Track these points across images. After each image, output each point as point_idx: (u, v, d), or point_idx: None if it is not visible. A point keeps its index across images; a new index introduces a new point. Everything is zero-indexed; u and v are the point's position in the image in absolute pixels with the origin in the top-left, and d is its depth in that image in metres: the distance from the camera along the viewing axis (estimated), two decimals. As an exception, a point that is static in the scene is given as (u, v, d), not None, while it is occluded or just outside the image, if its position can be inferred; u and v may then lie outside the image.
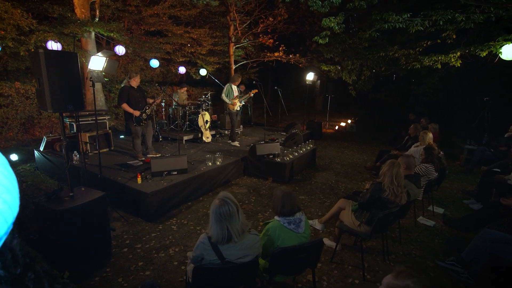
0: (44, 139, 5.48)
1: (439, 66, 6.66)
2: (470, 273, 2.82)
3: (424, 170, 3.85)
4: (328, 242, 3.38)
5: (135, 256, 3.08)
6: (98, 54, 3.41)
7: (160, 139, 6.90)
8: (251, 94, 6.52)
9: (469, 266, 2.88)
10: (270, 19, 11.11)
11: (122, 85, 5.07)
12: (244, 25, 12.19)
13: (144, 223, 3.77)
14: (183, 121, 7.36)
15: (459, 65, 6.36)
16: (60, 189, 3.05)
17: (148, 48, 10.45)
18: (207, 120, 6.99)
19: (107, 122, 6.36)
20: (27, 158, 6.19)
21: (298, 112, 14.97)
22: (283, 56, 12.72)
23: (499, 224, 3.13)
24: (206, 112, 7.05)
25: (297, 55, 12.57)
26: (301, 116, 11.89)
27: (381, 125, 12.20)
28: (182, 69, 11.83)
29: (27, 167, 5.78)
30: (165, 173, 4.31)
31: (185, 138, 6.88)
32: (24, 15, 6.41)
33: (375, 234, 2.86)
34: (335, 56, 8.03)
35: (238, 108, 6.68)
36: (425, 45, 6.81)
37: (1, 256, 0.58)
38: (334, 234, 3.41)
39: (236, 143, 6.69)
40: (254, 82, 6.56)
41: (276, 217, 2.18)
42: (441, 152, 4.61)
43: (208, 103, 7.79)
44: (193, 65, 13.18)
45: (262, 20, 11.52)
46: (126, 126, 8.23)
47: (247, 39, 12.26)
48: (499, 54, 5.56)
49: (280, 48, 12.54)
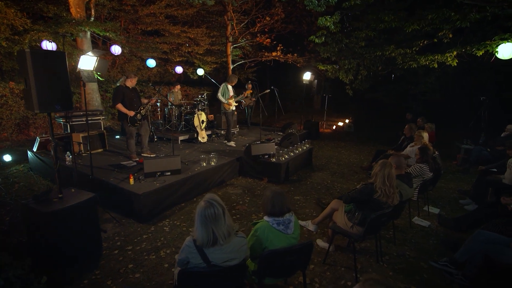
0: (37, 139, 5.44)
1: (436, 65, 6.63)
2: (464, 275, 2.79)
3: (419, 170, 3.82)
4: (321, 243, 3.35)
5: (126, 258, 3.04)
6: (88, 53, 3.37)
7: (155, 139, 6.86)
8: (246, 94, 6.48)
9: (463, 267, 2.85)
10: (267, 18, 11.07)
11: (118, 84, 5.03)
12: (242, 24, 12.14)
13: (136, 224, 3.73)
14: (178, 121, 7.31)
15: (455, 64, 6.33)
16: (49, 191, 3.01)
17: (144, 48, 10.41)
18: (203, 120, 6.95)
19: (102, 122, 6.30)
20: (21, 158, 6.14)
21: (296, 112, 14.95)
22: (281, 56, 12.68)
23: (493, 225, 3.10)
24: (202, 112, 7.01)
25: (295, 54, 12.54)
26: (299, 115, 11.86)
27: (379, 125, 12.17)
28: (179, 69, 11.78)
29: (20, 168, 5.73)
30: (158, 173, 4.26)
31: (180, 138, 6.84)
32: (18, 15, 6.37)
33: (368, 235, 2.82)
34: (332, 55, 7.99)
35: (234, 108, 6.64)
36: (421, 44, 6.78)
37: None
38: (327, 235, 3.38)
39: (232, 143, 6.65)
40: (250, 81, 6.52)
41: (265, 218, 2.15)
42: (436, 152, 4.58)
43: (204, 103, 7.75)
44: (190, 65, 13.14)
45: (259, 19, 11.48)
46: (122, 126, 8.19)
47: (244, 39, 12.22)
48: (495, 53, 5.54)
49: (278, 48, 12.50)
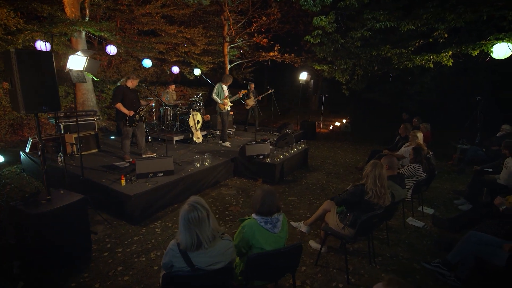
0: (30, 140, 5.39)
1: (431, 65, 6.62)
2: (456, 276, 2.77)
3: (412, 170, 3.80)
4: (314, 244, 3.32)
5: (115, 260, 3.00)
6: (77, 53, 3.34)
7: (150, 140, 6.81)
8: (240, 94, 6.45)
9: (456, 269, 2.82)
10: (264, 18, 11.04)
11: (118, 84, 5.00)
12: (239, 24, 12.11)
13: (128, 226, 3.69)
14: (173, 121, 7.27)
15: (451, 64, 6.32)
16: (37, 192, 2.97)
17: (140, 48, 10.34)
18: (198, 121, 6.91)
19: (96, 123, 6.25)
20: (14, 159, 6.08)
21: (294, 112, 14.92)
22: (278, 56, 12.65)
23: (487, 226, 3.08)
24: (197, 113, 6.97)
25: (292, 54, 12.52)
26: (296, 116, 11.84)
27: (376, 125, 12.16)
28: (176, 69, 11.74)
29: (13, 169, 5.67)
30: (151, 174, 4.23)
31: (175, 138, 6.79)
32: (11, 14, 6.30)
33: (359, 236, 2.79)
34: (328, 55, 7.97)
35: (229, 108, 6.61)
36: (417, 44, 6.76)
37: None
38: (320, 236, 3.35)
39: (227, 144, 6.62)
40: (244, 82, 6.49)
41: (253, 215, 2.12)
42: (430, 152, 4.56)
43: (199, 103, 7.71)
44: (187, 65, 13.09)
45: (255, 19, 11.44)
46: (118, 126, 8.14)
47: (241, 39, 12.18)
48: (491, 53, 5.53)
49: (275, 48, 12.48)
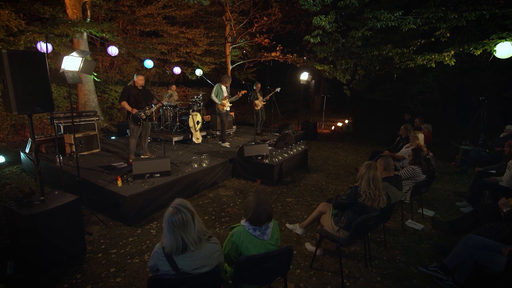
0: (30, 140, 5.42)
1: (433, 65, 6.52)
2: (454, 281, 2.70)
3: (411, 172, 3.73)
4: (309, 247, 3.28)
5: (109, 262, 2.99)
6: (72, 54, 3.34)
7: (149, 140, 6.81)
8: (240, 95, 6.42)
9: (454, 273, 2.76)
10: (265, 18, 11.01)
11: (128, 84, 5.12)
12: (241, 25, 12.10)
13: (123, 227, 3.68)
14: (173, 122, 7.27)
15: (453, 63, 6.21)
16: (32, 193, 2.98)
17: (142, 49, 10.38)
18: (198, 121, 6.89)
19: (96, 124, 6.27)
20: (15, 160, 6.14)
21: (296, 112, 14.86)
22: (280, 56, 12.62)
23: (486, 229, 3.01)
24: (197, 113, 6.96)
25: (294, 54, 12.47)
26: (298, 116, 11.78)
27: (378, 125, 12.05)
28: (177, 70, 11.77)
29: (13, 169, 5.72)
30: (148, 175, 4.22)
31: (175, 139, 6.79)
32: (12, 16, 6.35)
33: (354, 239, 2.74)
34: (329, 55, 7.91)
35: (228, 109, 6.58)
36: (418, 43, 6.67)
37: None
38: (316, 239, 3.30)
39: (227, 144, 6.60)
40: (244, 82, 6.46)
41: (243, 222, 2.08)
42: (431, 154, 4.48)
43: (200, 104, 7.70)
44: (188, 66, 13.12)
45: (256, 19, 11.43)
46: (120, 126, 8.17)
47: (243, 39, 12.17)
48: (494, 53, 5.43)
49: (277, 48, 12.44)
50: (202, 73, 11.98)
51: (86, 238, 3.36)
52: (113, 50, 8.89)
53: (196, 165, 4.92)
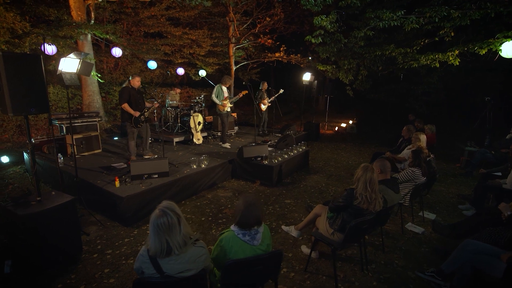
0: (32, 141, 5.49)
1: (437, 65, 6.40)
2: (452, 287, 2.63)
3: (411, 174, 3.65)
4: (305, 249, 3.24)
5: (103, 262, 3.01)
6: (70, 55, 3.38)
7: (151, 141, 6.85)
8: (240, 95, 6.41)
9: (452, 279, 2.69)
10: (267, 19, 10.99)
11: (124, 86, 5.10)
12: (244, 25, 12.10)
13: (120, 227, 3.70)
14: (175, 122, 7.30)
15: (457, 63, 6.09)
16: (28, 193, 3.01)
17: (146, 50, 10.46)
18: (199, 122, 6.90)
19: (98, 124, 6.33)
20: (19, 160, 6.24)
21: (299, 113, 14.80)
22: (284, 57, 12.57)
23: (487, 233, 2.93)
24: (198, 114, 6.97)
25: (298, 55, 12.41)
26: (301, 117, 11.73)
27: (382, 126, 11.91)
28: (181, 71, 11.82)
29: (17, 169, 5.81)
30: (145, 176, 4.23)
31: (176, 140, 6.81)
32: (17, 18, 6.45)
33: (348, 243, 2.70)
34: (331, 55, 7.83)
35: (229, 109, 6.58)
36: (422, 43, 6.56)
37: None
38: (312, 242, 3.26)
39: (227, 145, 6.59)
40: (244, 83, 6.45)
41: (232, 227, 2.06)
42: (432, 155, 4.39)
43: (201, 105, 7.71)
44: (192, 66, 13.17)
45: (259, 20, 11.41)
46: (121, 127, 8.24)
47: (247, 40, 12.16)
48: (499, 52, 5.30)
49: (281, 49, 12.40)
50: (205, 74, 12.01)
51: (83, 238, 3.39)
52: (116, 52, 8.98)
53: (195, 166, 4.92)
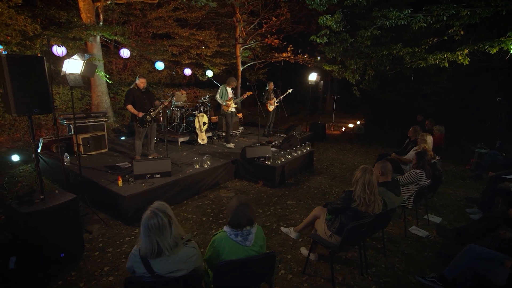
0: (41, 140, 5.64)
1: (446, 64, 6.25)
2: (453, 293, 2.56)
3: (414, 176, 3.57)
4: (305, 251, 3.21)
5: (104, 260, 3.05)
6: (73, 57, 3.45)
7: (156, 141, 6.93)
8: (245, 96, 6.41)
9: (454, 284, 2.61)
10: (274, 19, 10.97)
11: (131, 87, 5.23)
12: (251, 26, 12.11)
13: (122, 226, 3.75)
14: (180, 122, 7.36)
15: (467, 63, 5.92)
16: (32, 192, 3.08)
17: (153, 51, 10.59)
18: (204, 122, 6.95)
19: (105, 124, 6.44)
20: (29, 159, 6.40)
21: (305, 113, 14.71)
22: (291, 57, 12.53)
23: (491, 239, 2.84)
24: (203, 114, 7.01)
25: (306, 55, 12.34)
26: (310, 117, 11.64)
27: (390, 127, 11.70)
28: (188, 71, 11.91)
29: (27, 167, 5.97)
30: (148, 175, 4.28)
31: (180, 140, 6.87)
32: (28, 21, 6.64)
33: (346, 246, 2.66)
34: (337, 55, 7.75)
35: (233, 110, 6.59)
36: (430, 42, 6.41)
37: None
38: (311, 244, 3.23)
39: (231, 145, 6.60)
40: (248, 83, 6.45)
41: (225, 227, 2.06)
42: (437, 157, 4.28)
43: (207, 105, 7.76)
44: (199, 67, 13.26)
45: (266, 20, 11.40)
46: (129, 126, 8.38)
47: (254, 40, 12.16)
48: (511, 51, 5.14)
49: (288, 49, 12.36)
50: (212, 74, 12.07)
51: (86, 237, 3.46)
52: (125, 53, 9.11)
53: (197, 166, 4.95)
